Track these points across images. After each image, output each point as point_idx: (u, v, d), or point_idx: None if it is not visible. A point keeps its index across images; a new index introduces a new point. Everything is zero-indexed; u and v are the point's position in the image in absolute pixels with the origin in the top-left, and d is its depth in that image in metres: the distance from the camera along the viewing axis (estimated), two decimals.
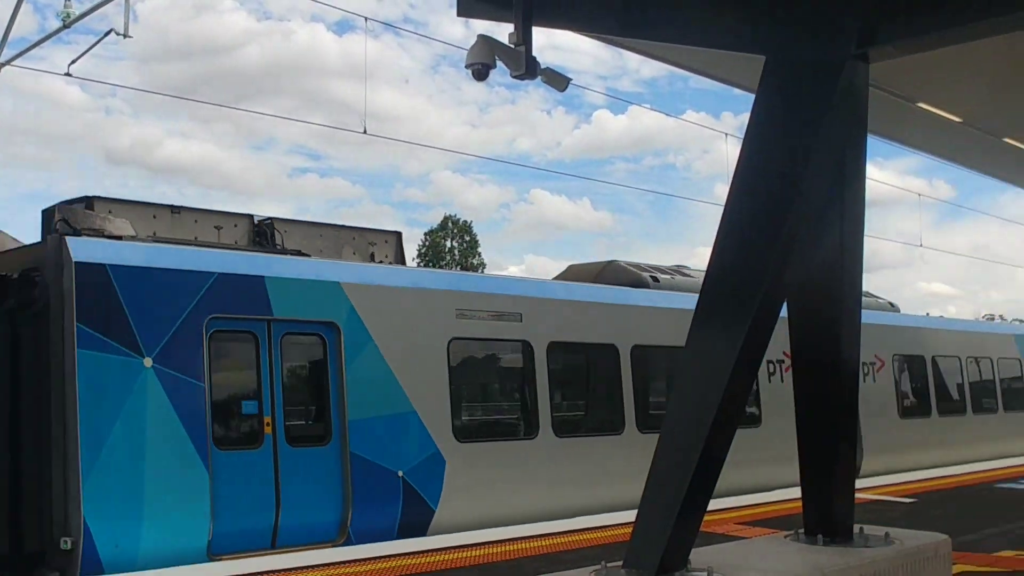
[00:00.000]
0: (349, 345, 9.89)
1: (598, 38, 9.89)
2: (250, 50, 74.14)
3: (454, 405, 10.86)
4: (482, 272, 44.11)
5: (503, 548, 8.31)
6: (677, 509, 5.12)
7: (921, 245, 28.20)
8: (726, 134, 23.55)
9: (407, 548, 8.28)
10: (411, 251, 50.69)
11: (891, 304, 19.54)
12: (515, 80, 5.29)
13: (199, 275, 9.17)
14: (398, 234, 12.67)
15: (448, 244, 55.55)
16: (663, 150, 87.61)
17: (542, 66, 5.27)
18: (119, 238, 9.22)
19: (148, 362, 8.69)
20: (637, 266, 14.83)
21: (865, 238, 6.53)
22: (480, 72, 5.14)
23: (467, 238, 56.75)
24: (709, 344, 5.56)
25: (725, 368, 5.28)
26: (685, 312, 6.00)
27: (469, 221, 58.03)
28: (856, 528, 6.32)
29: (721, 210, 5.91)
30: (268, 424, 9.33)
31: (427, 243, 54.97)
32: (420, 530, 9.84)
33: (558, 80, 5.62)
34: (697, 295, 5.63)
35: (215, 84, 70.65)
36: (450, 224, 57.09)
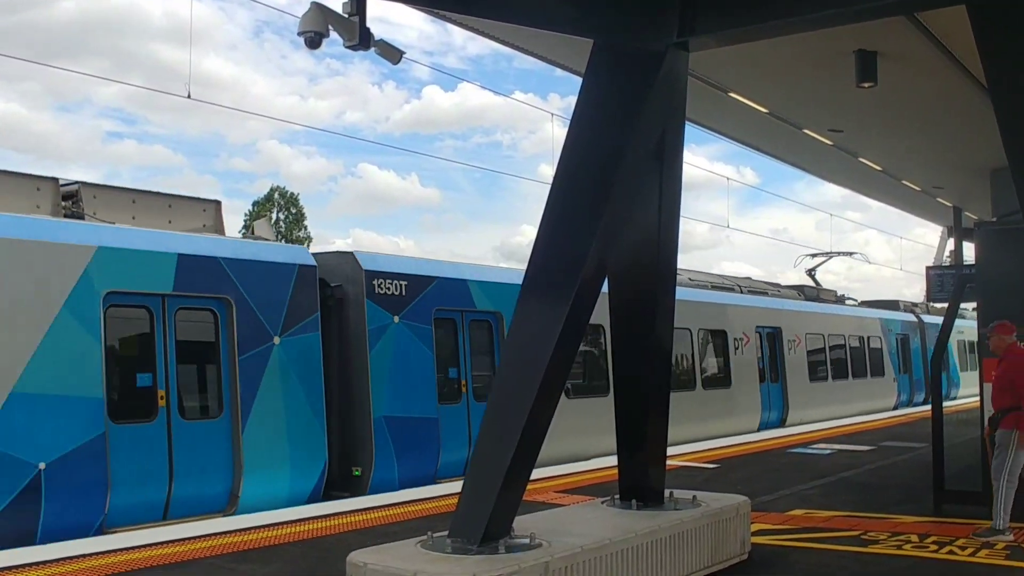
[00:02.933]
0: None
1: (429, 12, 9.86)
2: (66, 4, 68.33)
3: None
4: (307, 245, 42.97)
5: (328, 523, 8.25)
6: (501, 479, 5.28)
7: (728, 227, 29.95)
8: (552, 114, 24.08)
9: (234, 526, 8.07)
10: (237, 222, 48.82)
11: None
12: (346, 51, 5.23)
13: None
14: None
15: (274, 216, 53.93)
16: (491, 128, 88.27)
17: (376, 38, 5.22)
18: None
19: None
20: None
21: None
22: (313, 40, 5.03)
23: (293, 210, 55.27)
24: (534, 318, 5.74)
25: (548, 342, 5.48)
26: None
27: (296, 193, 56.47)
28: (666, 493, 6.72)
29: (547, 189, 6.11)
30: None
31: (253, 214, 53.06)
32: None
33: (392, 53, 5.58)
34: None
35: (23, 38, 64.60)
36: (276, 196, 55.38)
